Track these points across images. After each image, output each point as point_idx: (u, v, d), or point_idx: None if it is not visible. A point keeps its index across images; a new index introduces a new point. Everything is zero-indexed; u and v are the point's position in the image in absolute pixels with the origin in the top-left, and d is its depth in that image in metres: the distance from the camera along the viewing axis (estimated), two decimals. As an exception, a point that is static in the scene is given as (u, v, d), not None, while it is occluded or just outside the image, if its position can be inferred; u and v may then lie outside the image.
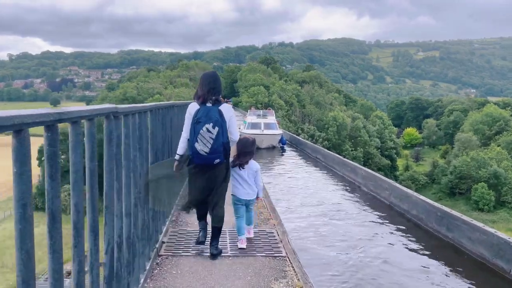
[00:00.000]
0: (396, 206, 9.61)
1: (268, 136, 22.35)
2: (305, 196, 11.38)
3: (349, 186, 12.85)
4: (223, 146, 4.24)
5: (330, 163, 17.07)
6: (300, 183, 13.71)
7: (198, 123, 4.20)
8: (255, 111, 27.22)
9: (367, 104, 79.29)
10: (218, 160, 4.25)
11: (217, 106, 4.32)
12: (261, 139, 21.50)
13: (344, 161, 15.66)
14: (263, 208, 6.77)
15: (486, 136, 60.11)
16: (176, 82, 63.35)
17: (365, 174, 12.47)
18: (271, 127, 23.27)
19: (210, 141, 4.16)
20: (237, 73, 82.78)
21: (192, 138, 4.23)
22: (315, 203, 10.45)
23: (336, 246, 7.27)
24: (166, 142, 5.16)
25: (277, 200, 9.68)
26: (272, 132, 22.70)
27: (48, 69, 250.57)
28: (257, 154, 18.50)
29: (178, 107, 6.43)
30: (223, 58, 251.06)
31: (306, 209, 9.79)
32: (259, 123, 23.23)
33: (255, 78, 62.07)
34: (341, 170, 15.24)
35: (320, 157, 19.27)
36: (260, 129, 22.65)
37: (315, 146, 22.35)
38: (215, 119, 4.20)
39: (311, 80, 67.93)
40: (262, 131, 22.33)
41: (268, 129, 22.91)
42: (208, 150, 4.17)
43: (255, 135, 21.10)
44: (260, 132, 22.02)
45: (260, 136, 21.42)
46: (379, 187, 10.95)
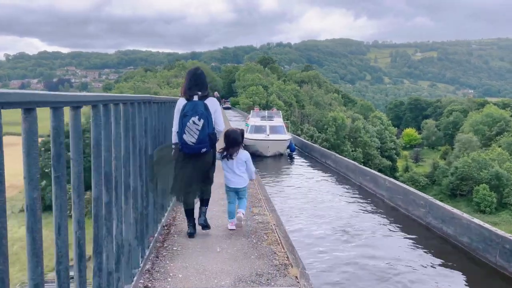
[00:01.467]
0: (436, 229, 7.87)
1: (275, 142, 19.32)
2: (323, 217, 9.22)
3: (371, 200, 10.98)
4: (209, 136, 4.67)
5: (343, 170, 15.19)
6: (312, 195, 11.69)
7: (185, 116, 4.62)
8: (259, 112, 23.86)
9: (367, 105, 78.74)
10: (205, 149, 4.69)
11: (203, 100, 4.73)
12: (266, 145, 18.99)
13: (361, 169, 13.50)
14: (276, 244, 4.79)
15: (487, 136, 59.56)
16: (173, 82, 62.58)
17: (391, 186, 10.55)
18: (278, 131, 20.17)
19: (197, 132, 4.59)
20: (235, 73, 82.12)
21: (180, 130, 4.66)
22: (337, 229, 8.37)
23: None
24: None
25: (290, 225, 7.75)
26: (279, 137, 19.64)
27: (45, 69, 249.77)
28: (261, 162, 17.26)
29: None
30: (221, 58, 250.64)
31: (327, 239, 7.72)
32: (263, 126, 20.20)
33: (253, 78, 61.43)
34: (357, 178, 13.35)
35: (331, 163, 17.14)
36: (265, 133, 19.66)
37: (323, 150, 19.84)
38: (200, 112, 4.61)
39: (310, 80, 67.29)
40: (268, 135, 19.37)
41: (274, 133, 19.84)
42: (195, 141, 4.61)
43: (259, 141, 18.97)
44: (265, 137, 19.24)
45: (265, 142, 19.00)
46: (411, 203, 9.15)
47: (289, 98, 52.36)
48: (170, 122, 5.29)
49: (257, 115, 22.45)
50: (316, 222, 8.91)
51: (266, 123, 20.60)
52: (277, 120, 21.72)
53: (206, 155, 4.77)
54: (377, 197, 11.17)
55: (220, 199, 6.33)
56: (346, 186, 13.27)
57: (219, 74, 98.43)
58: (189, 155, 4.71)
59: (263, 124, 20.64)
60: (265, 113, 22.88)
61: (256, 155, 17.71)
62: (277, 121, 21.44)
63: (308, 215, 9.47)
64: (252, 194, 7.33)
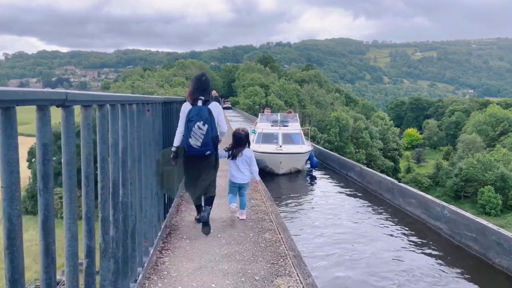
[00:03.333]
0: None
1: (290, 156, 14.68)
2: (357, 262, 6.65)
3: (423, 235, 7.95)
4: (212, 140, 5.04)
5: (373, 187, 12.03)
6: (340, 227, 8.53)
7: (190, 121, 4.96)
8: (270, 115, 18.52)
9: (368, 104, 77.96)
10: (209, 152, 5.06)
11: (206, 105, 5.06)
12: (278, 160, 14.44)
13: (401, 188, 10.25)
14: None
15: (490, 137, 58.82)
16: (172, 81, 61.69)
17: (452, 216, 7.59)
18: (293, 140, 15.62)
19: (202, 136, 4.95)
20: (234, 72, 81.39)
21: (186, 134, 5.00)
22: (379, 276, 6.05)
23: None
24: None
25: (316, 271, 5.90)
26: (295, 149, 14.92)
27: (44, 69, 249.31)
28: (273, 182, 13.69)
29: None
30: (220, 57, 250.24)
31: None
32: (275, 134, 15.59)
33: (253, 78, 60.63)
34: (395, 199, 10.34)
35: (355, 177, 13.79)
36: (277, 143, 15.04)
37: (344, 160, 16.10)
38: (205, 117, 4.95)
39: (311, 80, 66.45)
40: (280, 147, 14.69)
41: (289, 143, 15.23)
42: (200, 144, 4.97)
43: (269, 154, 14.40)
44: (277, 150, 14.56)
45: (277, 157, 14.44)
46: (492, 246, 6.20)
47: (290, 99, 51.52)
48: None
49: (267, 119, 17.40)
50: (349, 267, 6.43)
51: (278, 130, 15.81)
52: (292, 125, 16.71)
53: (209, 157, 5.17)
54: (432, 231, 8.04)
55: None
56: (380, 210, 10.07)
57: (219, 74, 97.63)
58: (194, 157, 5.11)
59: (275, 131, 15.82)
60: (277, 116, 17.64)
61: (265, 171, 14.22)
62: (292, 127, 16.50)
63: (338, 256, 6.90)
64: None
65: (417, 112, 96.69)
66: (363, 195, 11.74)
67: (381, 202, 10.81)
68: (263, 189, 8.07)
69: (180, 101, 6.27)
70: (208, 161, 5.17)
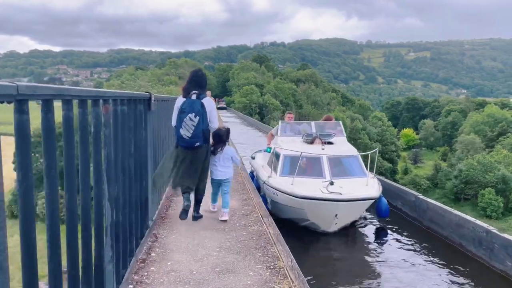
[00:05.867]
0: None
1: (352, 204, 7.79)
2: None
3: None
4: (203, 132, 5.19)
5: (445, 233, 8.07)
6: None
7: (183, 112, 5.17)
8: (293, 123, 11.21)
9: (365, 104, 77.01)
10: (198, 143, 5.20)
11: (200, 99, 5.26)
12: (331, 210, 7.73)
13: (504, 240, 6.66)
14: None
15: (488, 137, 58.06)
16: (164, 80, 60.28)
17: None
18: (349, 169, 8.89)
19: (192, 127, 5.12)
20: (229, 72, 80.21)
21: (177, 125, 5.22)
22: None
23: None
24: None
25: None
26: (360, 191, 8.00)
27: (35, 68, 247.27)
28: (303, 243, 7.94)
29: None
30: (214, 57, 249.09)
31: None
32: (315, 160, 8.67)
33: (248, 77, 59.42)
34: (493, 260, 6.88)
35: (406, 209, 9.66)
36: (321, 176, 8.34)
37: (417, 198, 9.56)
38: (197, 110, 5.14)
39: (307, 79, 65.37)
40: (331, 184, 7.76)
41: (342, 175, 8.49)
42: (190, 135, 5.15)
43: (311, 201, 7.65)
44: (329, 192, 7.65)
45: (329, 206, 7.68)
46: None
47: (286, 99, 50.33)
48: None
49: (293, 130, 10.57)
50: None
51: (320, 152, 8.72)
52: (340, 142, 9.92)
53: (199, 149, 5.27)
54: None
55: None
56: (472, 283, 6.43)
57: (213, 73, 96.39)
58: (185, 149, 5.25)
59: (313, 153, 8.68)
60: (310, 126, 10.48)
61: (300, 228, 8.51)
62: (342, 145, 9.77)
63: None
64: None
65: (413, 112, 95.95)
66: (428, 248, 7.45)
67: (466, 263, 6.74)
68: (293, 272, 4.05)
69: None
70: (198, 153, 5.29)
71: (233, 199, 6.43)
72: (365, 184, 8.30)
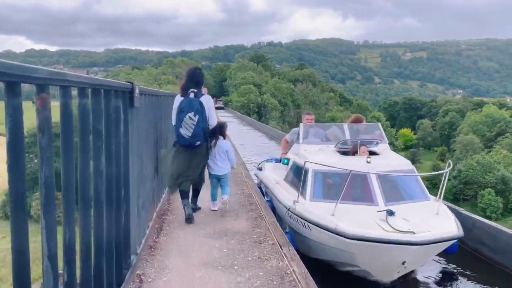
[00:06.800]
0: None
1: (423, 249, 4.74)
2: None
3: None
4: (203, 130, 5.16)
5: (498, 259, 6.32)
6: None
7: (182, 112, 5.10)
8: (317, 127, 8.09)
9: (363, 104, 76.80)
10: (199, 142, 5.18)
11: (198, 97, 5.19)
12: (398, 258, 4.89)
13: None
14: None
15: (487, 137, 57.93)
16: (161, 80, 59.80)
17: None
18: (407, 191, 6.17)
19: (192, 126, 5.06)
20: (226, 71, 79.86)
21: (177, 124, 5.15)
22: None
23: None
24: None
25: None
26: (435, 230, 4.85)
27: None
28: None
29: None
30: (211, 57, 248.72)
31: None
32: (361, 180, 5.80)
33: (245, 76, 59.05)
34: None
35: (488, 253, 6.67)
36: (370, 201, 5.56)
37: (459, 213, 7.20)
38: (196, 108, 5.07)
39: (305, 79, 65.09)
40: (391, 214, 4.96)
41: (400, 199, 5.86)
42: (190, 134, 5.09)
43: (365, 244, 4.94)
44: (390, 232, 4.73)
45: (394, 250, 4.74)
46: None
47: (284, 98, 50.01)
48: None
49: (315, 136, 7.65)
50: None
51: (362, 164, 5.85)
52: (385, 151, 6.99)
53: (199, 148, 5.28)
54: None
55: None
56: None
57: (210, 73, 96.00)
58: (184, 147, 5.22)
59: (357, 167, 5.71)
60: (341, 130, 7.40)
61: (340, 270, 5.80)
62: (389, 156, 6.88)
63: None
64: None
65: (410, 112, 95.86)
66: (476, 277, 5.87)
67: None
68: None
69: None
70: (198, 152, 5.31)
71: (240, 218, 5.54)
72: (435, 212, 5.49)
